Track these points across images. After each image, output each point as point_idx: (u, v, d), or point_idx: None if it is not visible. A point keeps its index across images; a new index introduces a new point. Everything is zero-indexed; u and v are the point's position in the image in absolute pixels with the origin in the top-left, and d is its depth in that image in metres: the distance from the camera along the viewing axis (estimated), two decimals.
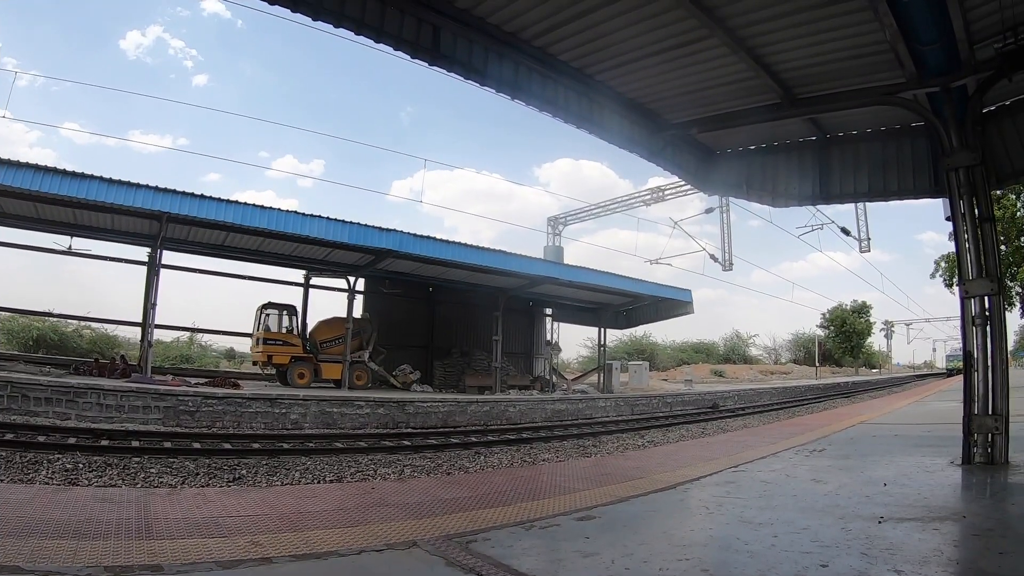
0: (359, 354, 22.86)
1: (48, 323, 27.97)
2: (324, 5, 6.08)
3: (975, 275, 6.80)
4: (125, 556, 3.15)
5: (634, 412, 25.81)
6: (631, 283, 27.60)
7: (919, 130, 8.69)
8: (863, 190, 9.32)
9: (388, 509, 4.59)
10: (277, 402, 16.27)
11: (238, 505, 4.49)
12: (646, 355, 55.35)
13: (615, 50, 7.43)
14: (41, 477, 9.17)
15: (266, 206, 18.00)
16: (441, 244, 21.08)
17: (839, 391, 42.37)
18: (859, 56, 7.19)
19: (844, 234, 30.33)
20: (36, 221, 18.77)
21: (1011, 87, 7.23)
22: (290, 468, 11.08)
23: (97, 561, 3.05)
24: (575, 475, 6.34)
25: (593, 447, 15.89)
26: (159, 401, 14.80)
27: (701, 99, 8.56)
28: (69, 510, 3.96)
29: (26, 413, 13.44)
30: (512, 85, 7.55)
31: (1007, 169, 8.00)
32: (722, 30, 6.78)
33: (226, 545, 3.45)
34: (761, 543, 3.81)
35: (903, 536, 3.92)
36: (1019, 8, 5.89)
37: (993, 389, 6.59)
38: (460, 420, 19.58)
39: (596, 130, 8.52)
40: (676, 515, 4.89)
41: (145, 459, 10.74)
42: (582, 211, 36.94)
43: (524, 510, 4.62)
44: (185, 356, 32.68)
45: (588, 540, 3.87)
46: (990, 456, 6.53)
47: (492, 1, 6.67)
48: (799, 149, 9.77)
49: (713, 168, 10.39)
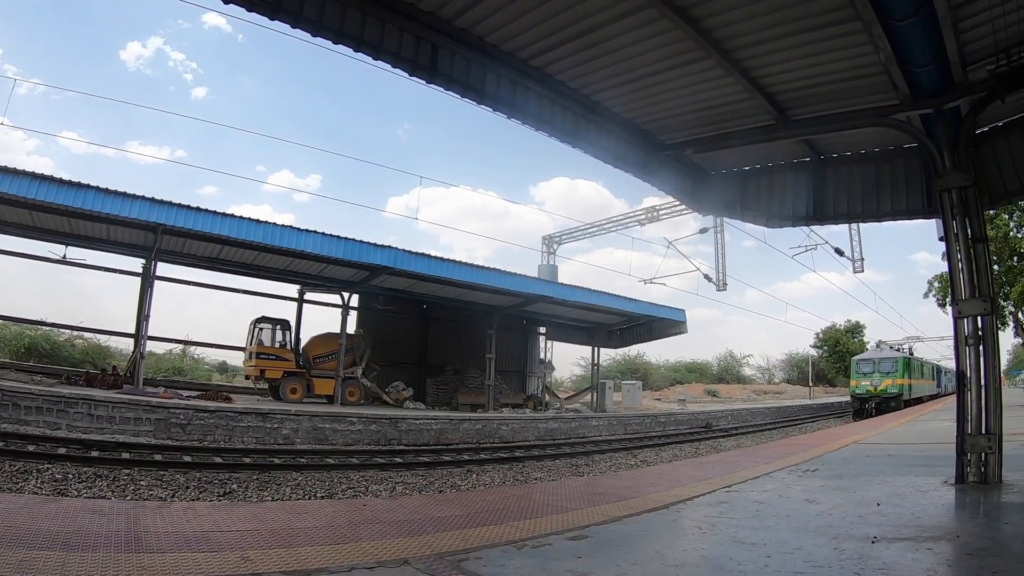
0: (352, 370, 22.80)
1: (40, 332, 27.79)
2: (324, 22, 6.12)
3: (968, 295, 6.83)
4: (114, 569, 3.12)
5: (627, 431, 25.74)
6: (625, 302, 27.63)
7: (912, 151, 8.76)
8: (857, 210, 9.38)
9: (379, 526, 4.56)
10: (269, 417, 16.17)
11: (228, 520, 4.46)
12: (639, 374, 55.41)
13: (612, 70, 7.49)
14: (30, 487, 9.09)
15: (262, 220, 18.05)
16: (436, 261, 21.11)
17: (832, 411, 42.34)
18: (853, 78, 7.27)
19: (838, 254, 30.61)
20: (31, 229, 18.72)
21: (1004, 108, 7.32)
22: (281, 483, 11.00)
23: (86, 574, 3.02)
24: (568, 494, 6.31)
25: (586, 466, 15.84)
26: (150, 413, 14.67)
27: (696, 120, 8.63)
28: (58, 521, 3.92)
29: (16, 422, 13.31)
30: (509, 104, 7.60)
31: (1000, 190, 8.07)
32: (718, 52, 6.86)
33: (216, 560, 3.42)
34: (754, 563, 3.79)
35: (896, 556, 3.91)
36: (1012, 30, 5.98)
37: (986, 408, 6.60)
38: (453, 438, 19.48)
39: (591, 149, 8.57)
40: (669, 535, 4.87)
41: (135, 471, 10.66)
42: (577, 230, 37.08)
43: (516, 529, 4.59)
44: (177, 368, 32.53)
45: (580, 560, 3.84)
46: (983, 475, 6.52)
47: (492, 20, 6.73)
48: (793, 170, 9.84)
49: (708, 188, 10.44)
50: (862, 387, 33.40)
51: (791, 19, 6.31)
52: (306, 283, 23.59)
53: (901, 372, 32.82)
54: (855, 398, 33.96)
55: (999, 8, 5.75)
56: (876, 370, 33.23)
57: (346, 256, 19.28)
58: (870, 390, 32.67)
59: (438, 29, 6.77)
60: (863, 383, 33.41)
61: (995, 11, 5.80)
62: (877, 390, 32.43)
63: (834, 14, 6.11)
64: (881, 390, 32.33)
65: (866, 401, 32.53)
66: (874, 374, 33.14)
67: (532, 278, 26.37)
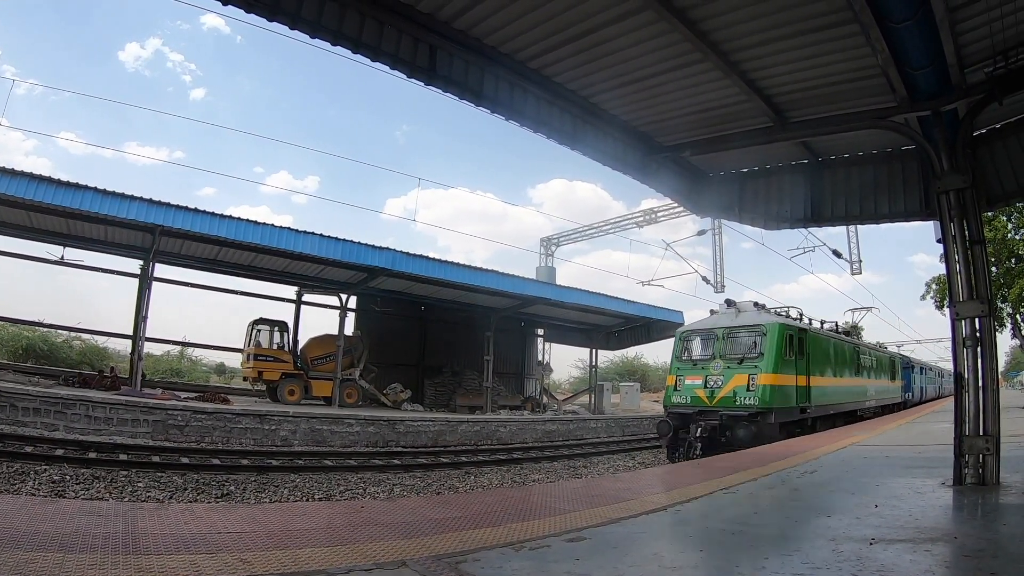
0: (350, 372, 22.80)
1: (38, 333, 27.74)
2: (322, 23, 6.11)
3: (966, 297, 6.84)
4: (112, 571, 3.11)
5: (625, 433, 25.77)
6: (623, 304, 27.65)
7: (910, 153, 8.79)
8: (855, 212, 9.41)
9: (377, 528, 4.55)
10: (267, 418, 16.16)
11: (226, 521, 4.44)
12: (638, 376, 55.33)
13: (611, 72, 7.50)
14: (28, 488, 9.08)
15: (260, 222, 18.08)
16: (434, 263, 21.14)
17: None
18: (851, 80, 7.29)
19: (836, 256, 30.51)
20: (29, 230, 18.71)
21: (1002, 111, 7.34)
22: (279, 485, 10.99)
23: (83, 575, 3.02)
24: (566, 496, 6.30)
25: (584, 468, 15.85)
26: (148, 415, 14.67)
27: (694, 122, 8.64)
28: (56, 522, 3.90)
29: (14, 423, 13.31)
30: (508, 105, 7.59)
31: (998, 192, 8.10)
32: (716, 54, 6.87)
33: (213, 562, 3.41)
34: (752, 563, 3.79)
35: (894, 558, 3.91)
36: (1009, 32, 5.99)
37: (984, 410, 6.61)
38: (450, 439, 19.49)
39: (589, 151, 8.57)
40: (667, 537, 4.86)
41: (133, 473, 10.65)
42: (575, 232, 37.06)
43: (514, 531, 4.58)
44: (175, 370, 32.49)
45: (579, 562, 3.84)
46: (981, 477, 6.53)
47: (490, 22, 6.73)
48: (791, 172, 9.86)
49: (706, 190, 10.46)
50: (684, 394, 15.68)
51: (789, 21, 6.32)
52: (304, 285, 23.60)
53: (774, 358, 14.76)
54: (670, 415, 15.71)
55: (997, 11, 5.76)
56: (717, 355, 15.66)
57: (344, 258, 19.30)
58: (700, 398, 15.23)
59: (437, 31, 6.76)
60: (688, 383, 15.77)
61: (993, 13, 5.81)
62: (713, 401, 14.99)
63: (832, 16, 6.12)
64: (722, 400, 14.86)
65: (690, 422, 14.96)
66: (712, 365, 15.59)
67: (530, 280, 26.39)
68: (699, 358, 15.92)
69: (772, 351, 14.70)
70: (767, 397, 14.15)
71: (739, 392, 14.50)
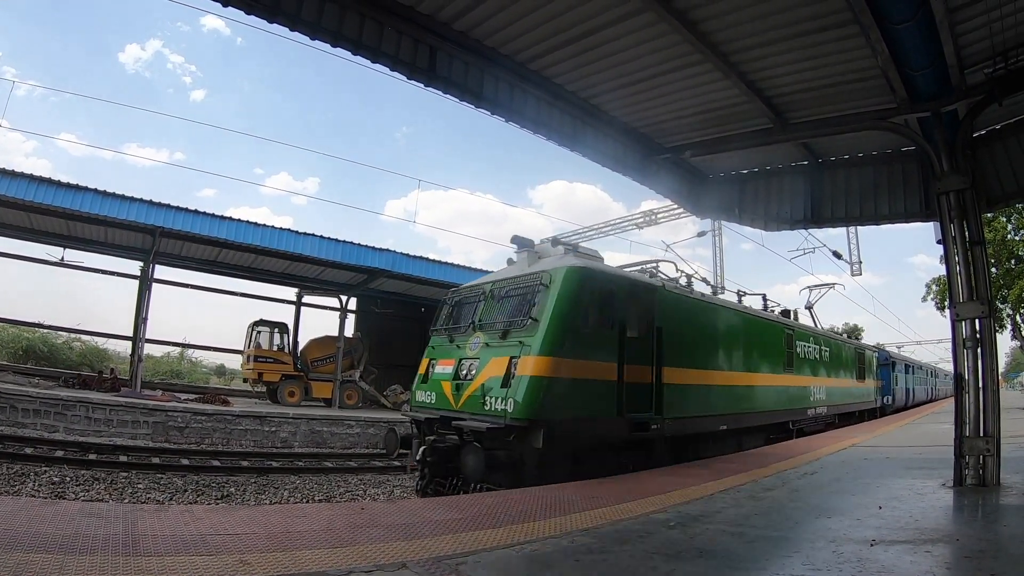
0: (350, 373, 22.77)
1: (38, 334, 27.69)
2: (322, 24, 6.12)
3: (966, 298, 6.85)
4: (112, 572, 3.10)
5: None
6: None
7: (910, 154, 8.79)
8: (855, 214, 9.41)
9: (377, 530, 4.54)
10: (267, 420, 16.15)
11: (226, 523, 4.44)
12: None
13: (611, 73, 7.51)
14: (28, 489, 9.07)
15: (259, 223, 18.09)
16: (433, 265, 21.12)
17: None
18: (851, 81, 7.29)
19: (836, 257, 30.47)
20: (29, 231, 18.68)
21: (1001, 112, 7.35)
22: (279, 487, 10.98)
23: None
24: (566, 497, 6.29)
25: None
26: (148, 416, 14.67)
27: (694, 123, 8.64)
28: (56, 524, 3.90)
29: (14, 424, 13.31)
30: (508, 106, 7.60)
31: (997, 192, 8.11)
32: (716, 55, 6.88)
33: (214, 563, 3.41)
34: (752, 563, 3.79)
35: (894, 559, 3.91)
36: (1009, 34, 6.00)
37: (984, 411, 6.62)
38: None
39: (589, 153, 8.59)
40: (667, 536, 4.86)
41: (133, 474, 10.64)
42: (575, 233, 36.89)
43: (515, 532, 4.58)
44: (175, 371, 32.42)
45: (579, 563, 3.84)
46: (981, 478, 6.53)
47: (490, 23, 6.74)
48: (791, 173, 9.87)
49: (706, 191, 10.47)
50: (431, 389, 9.28)
51: (789, 22, 6.33)
52: (304, 286, 23.56)
53: (556, 327, 7.68)
54: (414, 420, 9.55)
55: (996, 12, 5.77)
56: (477, 325, 8.82)
57: (344, 259, 19.30)
58: (446, 396, 8.67)
59: (437, 32, 6.77)
60: (438, 371, 9.27)
61: (992, 15, 5.82)
62: (459, 402, 8.31)
63: (832, 17, 6.13)
64: (468, 401, 8.17)
65: (423, 429, 9.11)
66: (470, 342, 8.74)
67: None
68: (456, 331, 9.47)
69: (553, 315, 7.79)
70: (532, 398, 7.44)
71: (490, 388, 7.96)
